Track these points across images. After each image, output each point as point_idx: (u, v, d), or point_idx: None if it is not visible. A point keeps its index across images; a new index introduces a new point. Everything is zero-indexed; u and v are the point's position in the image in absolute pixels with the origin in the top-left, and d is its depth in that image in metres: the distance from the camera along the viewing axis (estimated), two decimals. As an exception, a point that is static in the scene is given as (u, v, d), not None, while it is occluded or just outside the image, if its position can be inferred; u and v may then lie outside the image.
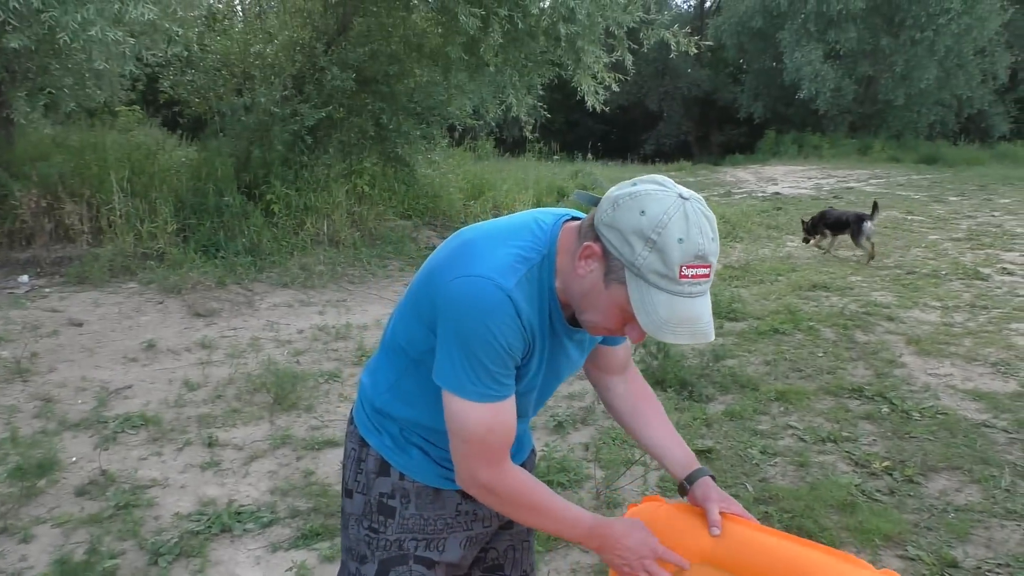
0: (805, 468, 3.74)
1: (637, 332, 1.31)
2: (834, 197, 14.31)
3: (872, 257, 8.72)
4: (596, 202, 1.32)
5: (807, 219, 9.47)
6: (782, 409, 4.47)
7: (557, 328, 1.42)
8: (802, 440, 4.07)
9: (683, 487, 1.64)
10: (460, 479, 1.41)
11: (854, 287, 7.46)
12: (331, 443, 3.91)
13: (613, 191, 1.28)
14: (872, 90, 25.97)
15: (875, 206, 9.13)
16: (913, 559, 3.00)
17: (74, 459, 3.68)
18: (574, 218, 1.42)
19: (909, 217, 11.97)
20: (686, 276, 1.20)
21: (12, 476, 3.34)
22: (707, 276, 1.23)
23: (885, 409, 4.44)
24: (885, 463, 3.78)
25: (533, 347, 1.38)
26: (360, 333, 5.62)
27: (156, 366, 4.89)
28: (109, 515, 3.22)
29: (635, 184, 1.26)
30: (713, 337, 1.25)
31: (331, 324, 5.80)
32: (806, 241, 9.52)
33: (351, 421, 1.64)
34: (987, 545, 3.10)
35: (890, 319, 6.30)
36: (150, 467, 3.65)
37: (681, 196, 1.23)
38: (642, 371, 4.77)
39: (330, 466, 3.68)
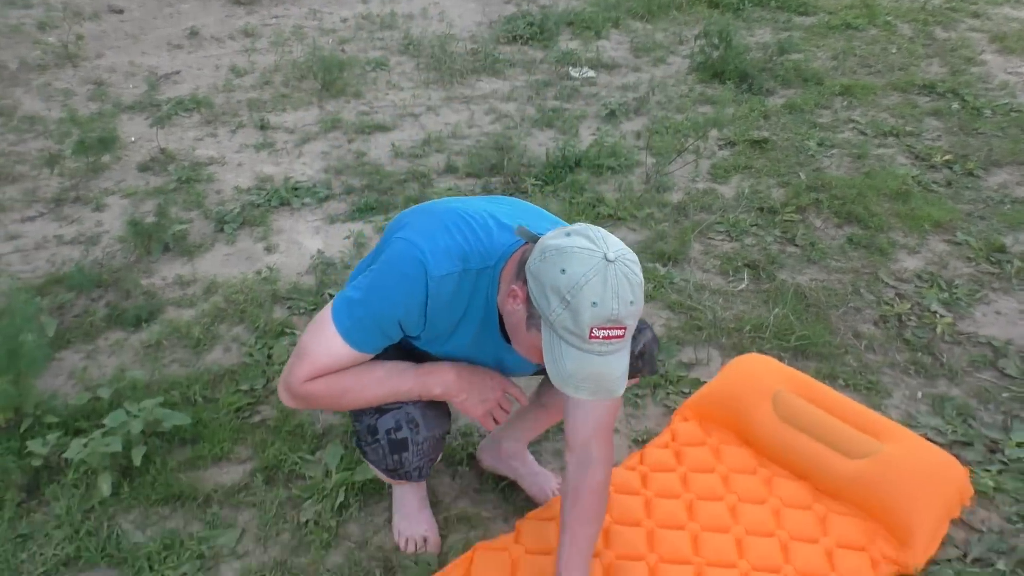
0: (862, 160, 3.66)
1: None
2: None
3: None
4: (535, 240, 1.31)
5: None
6: (845, 104, 4.29)
7: (492, 339, 1.44)
8: (863, 134, 3.95)
9: None
10: (281, 383, 1.45)
11: (940, -19, 6.80)
12: (381, 127, 3.91)
13: (547, 238, 1.26)
14: None
15: None
16: (960, 243, 3.01)
17: (133, 139, 3.76)
18: (535, 238, 1.35)
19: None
20: (596, 337, 1.20)
21: (76, 152, 3.43)
22: (620, 338, 1.22)
23: (955, 106, 4.23)
24: (947, 156, 3.67)
25: (439, 338, 1.44)
26: (406, 22, 5.39)
27: (201, 53, 4.81)
28: (173, 188, 3.35)
29: (568, 235, 1.24)
30: (619, 394, 1.25)
31: (375, 13, 5.55)
32: None
33: None
34: (1039, 234, 3.09)
35: (976, 15, 5.80)
36: (206, 147, 3.72)
37: (606, 258, 1.20)
38: (701, 63, 4.58)
39: (380, 149, 3.71)
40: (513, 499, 1.91)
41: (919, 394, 2.28)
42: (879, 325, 2.57)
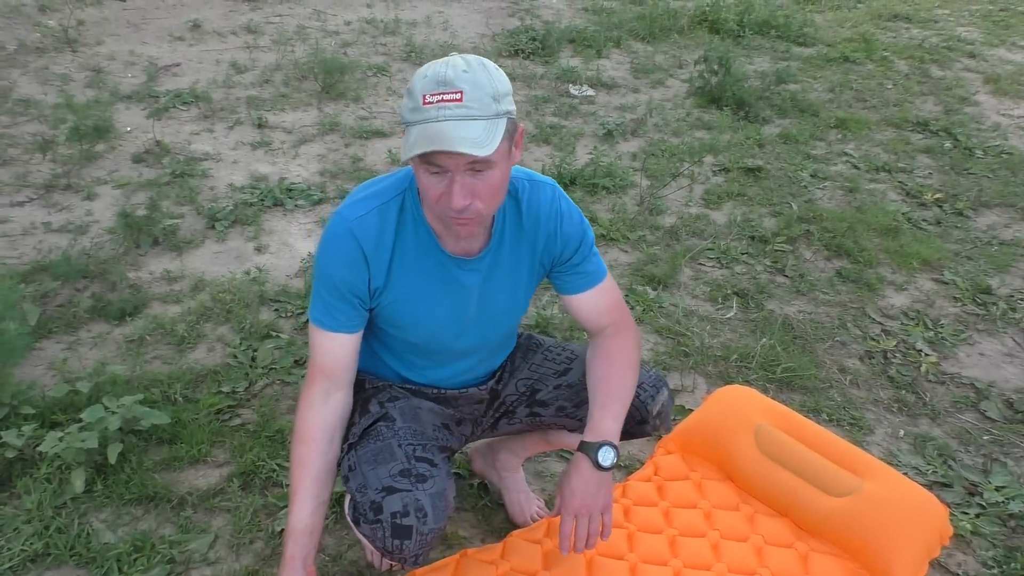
0: (854, 194, 3.69)
1: (456, 191, 1.21)
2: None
3: None
4: None
5: None
6: (839, 137, 4.33)
7: (436, 257, 1.40)
8: (856, 168, 3.98)
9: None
10: None
11: (939, 20, 6.88)
12: (379, 133, 3.90)
13: None
14: None
15: None
16: (947, 283, 3.04)
17: (129, 129, 3.73)
18: None
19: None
20: (430, 103, 1.18)
21: (70, 138, 3.41)
22: (457, 100, 1.17)
23: (948, 144, 4.28)
24: (937, 195, 3.71)
25: (390, 279, 1.40)
26: (409, 29, 5.39)
27: (202, 46, 4.79)
28: (166, 181, 3.32)
29: None
30: (462, 149, 1.15)
31: (379, 18, 5.56)
32: None
33: None
34: (1025, 278, 3.12)
35: (972, 56, 5.88)
36: (203, 142, 3.70)
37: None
38: (699, 87, 4.61)
39: (377, 155, 3.71)
40: (492, 519, 1.90)
41: (901, 432, 2.28)
42: (864, 361, 2.58)
